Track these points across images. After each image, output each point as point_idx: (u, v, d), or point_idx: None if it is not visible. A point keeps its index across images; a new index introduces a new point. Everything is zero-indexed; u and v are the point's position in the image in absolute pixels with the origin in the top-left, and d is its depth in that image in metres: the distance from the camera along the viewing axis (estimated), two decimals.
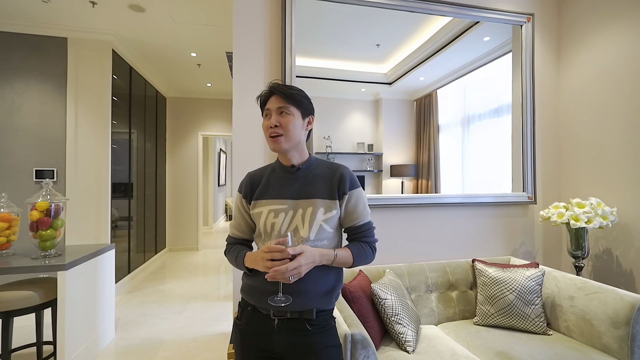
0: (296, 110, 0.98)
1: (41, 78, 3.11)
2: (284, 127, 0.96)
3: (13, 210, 2.02)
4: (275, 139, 0.96)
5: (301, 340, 0.93)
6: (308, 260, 0.86)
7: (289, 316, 0.94)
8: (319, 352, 0.93)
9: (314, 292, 0.94)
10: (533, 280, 1.75)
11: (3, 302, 1.73)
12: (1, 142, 3.03)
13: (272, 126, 0.96)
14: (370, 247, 1.02)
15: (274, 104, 0.98)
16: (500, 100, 2.38)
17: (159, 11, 2.85)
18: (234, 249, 1.05)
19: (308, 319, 0.94)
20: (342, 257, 0.95)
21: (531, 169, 2.24)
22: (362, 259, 0.99)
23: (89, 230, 3.22)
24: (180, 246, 5.48)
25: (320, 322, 0.96)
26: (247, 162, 1.89)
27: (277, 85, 0.99)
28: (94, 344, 2.18)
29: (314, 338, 0.93)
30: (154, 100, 4.75)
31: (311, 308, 0.94)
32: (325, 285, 0.97)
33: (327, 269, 0.97)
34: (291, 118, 0.97)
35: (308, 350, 0.93)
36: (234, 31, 1.89)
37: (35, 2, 2.69)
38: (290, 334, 0.94)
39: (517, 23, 2.27)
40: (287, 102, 0.97)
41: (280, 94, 0.97)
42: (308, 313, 0.94)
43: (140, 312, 2.97)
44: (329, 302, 0.98)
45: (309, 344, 0.93)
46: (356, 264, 0.99)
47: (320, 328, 0.95)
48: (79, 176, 3.20)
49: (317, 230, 0.95)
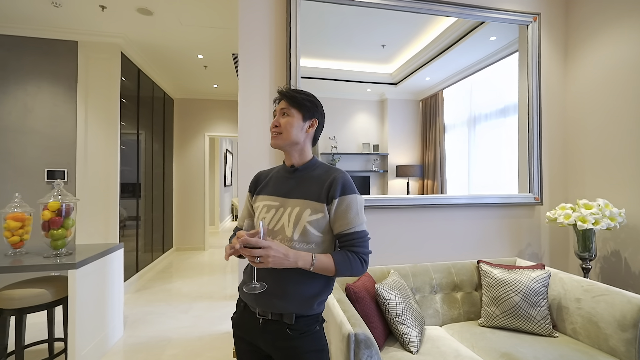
0: (297, 112, 1.02)
1: (52, 80, 3.18)
2: (282, 127, 1.02)
3: (26, 210, 2.07)
4: (274, 136, 1.03)
5: (282, 343, 0.94)
6: (277, 254, 0.85)
7: (271, 317, 0.95)
8: (299, 356, 0.93)
9: (295, 296, 0.94)
10: (539, 281, 1.73)
11: (16, 299, 1.78)
12: (14, 143, 3.11)
13: (274, 125, 1.03)
14: (358, 257, 0.95)
15: (280, 105, 1.05)
16: (506, 100, 2.36)
17: (166, 14, 2.90)
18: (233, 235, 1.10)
19: (288, 323, 0.94)
20: (321, 262, 0.90)
21: (537, 170, 2.22)
22: (346, 269, 0.93)
23: (98, 229, 3.28)
24: (187, 246, 5.55)
25: (301, 327, 0.95)
26: (252, 162, 1.91)
27: (285, 89, 1.04)
28: (103, 341, 2.23)
29: (294, 342, 0.94)
30: (161, 101, 4.81)
31: (290, 312, 0.94)
32: (309, 291, 0.96)
33: (312, 275, 0.94)
34: (290, 119, 1.02)
35: (289, 354, 0.94)
36: (240, 33, 1.91)
37: (46, 6, 2.75)
38: (273, 335, 0.95)
39: (523, 23, 2.26)
40: (289, 104, 1.02)
41: (284, 96, 1.04)
42: (288, 317, 0.94)
43: (148, 311, 3.02)
44: (310, 308, 0.96)
45: (290, 348, 0.94)
46: (339, 274, 0.93)
47: (300, 333, 0.94)
48: (89, 177, 3.26)
49: (302, 231, 0.95)
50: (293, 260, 0.88)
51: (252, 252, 0.84)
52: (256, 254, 0.84)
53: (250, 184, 1.16)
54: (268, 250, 0.84)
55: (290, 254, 0.88)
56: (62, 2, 2.70)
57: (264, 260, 0.84)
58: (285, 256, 0.86)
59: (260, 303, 0.96)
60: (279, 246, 0.87)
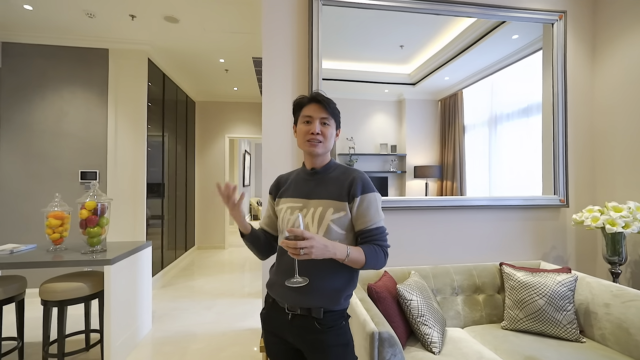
0: (333, 122, 1.08)
1: (86, 86, 3.37)
2: (324, 136, 1.06)
3: (65, 209, 2.22)
4: (315, 144, 1.05)
5: (310, 337, 0.99)
6: (319, 244, 0.86)
7: (299, 312, 1.00)
8: (325, 349, 0.98)
9: (322, 290, 0.98)
10: (565, 285, 1.70)
11: (58, 292, 1.92)
12: (51, 145, 3.31)
13: (314, 132, 1.04)
14: (382, 250, 1.00)
15: (317, 112, 1.06)
16: (529, 99, 2.32)
17: (191, 21, 3.01)
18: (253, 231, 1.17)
19: (316, 317, 0.98)
20: (354, 254, 0.94)
21: (563, 172, 2.17)
22: (373, 260, 0.98)
23: (126, 227, 3.45)
24: (208, 244, 5.71)
25: (328, 322, 0.99)
26: (276, 163, 1.97)
27: (320, 95, 1.07)
28: (134, 334, 2.35)
29: (321, 336, 0.98)
30: (184, 104, 4.98)
31: (319, 306, 0.98)
32: (334, 284, 1.00)
33: (338, 269, 0.99)
34: (330, 129, 1.07)
35: (316, 347, 0.99)
36: (263, 39, 1.97)
37: (81, 17, 2.92)
38: (301, 329, 1.00)
39: (548, 21, 2.21)
40: (329, 114, 1.06)
41: (324, 104, 1.06)
42: (316, 311, 0.98)
43: (173, 306, 3.14)
44: (337, 303, 1.00)
45: (317, 341, 0.98)
46: (368, 265, 0.97)
47: (328, 327, 0.98)
48: (118, 177, 3.43)
49: (326, 229, 1.00)
50: (332, 251, 0.90)
51: (296, 244, 0.84)
52: (301, 245, 0.84)
53: (271, 188, 1.20)
54: (312, 241, 0.85)
55: (329, 244, 0.90)
56: (95, 13, 2.86)
57: (308, 251, 0.85)
58: (325, 247, 0.88)
59: (289, 299, 1.01)
60: (320, 237, 0.89)
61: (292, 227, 0.88)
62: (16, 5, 2.74)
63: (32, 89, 3.28)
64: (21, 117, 3.27)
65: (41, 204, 3.26)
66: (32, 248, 2.28)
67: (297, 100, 1.11)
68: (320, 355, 0.98)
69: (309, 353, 1.01)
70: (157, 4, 2.73)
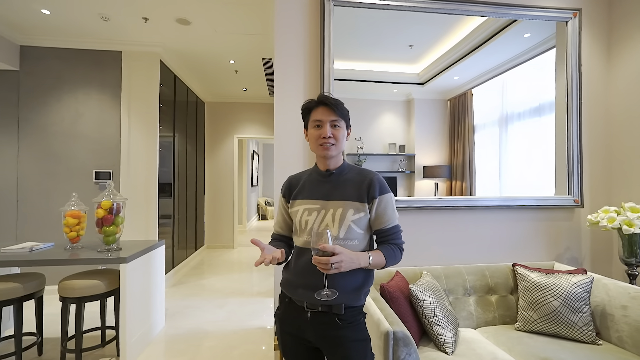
0: (343, 123, 1.09)
1: (100, 88, 3.44)
2: (336, 138, 1.07)
3: (81, 208, 2.27)
4: (328, 148, 1.06)
5: (331, 333, 1.01)
6: (347, 258, 0.92)
7: (320, 309, 1.02)
8: (346, 345, 1.00)
9: (342, 289, 1.00)
10: (580, 287, 1.68)
11: (76, 289, 1.97)
12: (67, 146, 3.39)
13: (325, 136, 1.05)
14: (399, 248, 1.07)
15: (326, 115, 1.06)
16: (541, 98, 2.29)
17: (202, 23, 3.05)
18: (272, 243, 1.18)
19: (337, 313, 1.01)
20: (375, 259, 1.00)
21: (577, 171, 2.15)
22: (392, 259, 1.05)
23: (138, 226, 3.50)
24: (217, 244, 5.77)
25: (349, 318, 1.02)
26: (288, 164, 1.99)
27: (328, 98, 1.08)
28: (148, 331, 2.39)
29: (342, 332, 1.00)
30: (194, 105, 5.04)
31: (340, 303, 1.01)
32: (353, 283, 1.03)
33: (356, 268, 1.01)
34: (341, 130, 1.08)
35: (337, 342, 1.01)
36: (275, 40, 1.99)
37: (96, 20, 2.99)
38: (321, 326, 1.02)
39: (561, 19, 2.19)
40: (338, 116, 1.07)
41: (332, 107, 1.06)
42: (337, 308, 1.01)
43: (185, 305, 3.19)
44: (357, 299, 1.04)
45: (338, 337, 1.01)
46: (387, 265, 1.04)
47: (348, 323, 1.01)
48: (131, 177, 3.49)
49: (347, 229, 1.02)
50: (357, 262, 0.96)
51: (328, 261, 0.88)
52: (333, 260, 0.88)
53: (283, 190, 1.19)
54: (342, 256, 0.90)
55: (354, 256, 0.95)
56: (110, 16, 2.92)
57: (339, 265, 0.90)
58: (351, 259, 0.93)
59: (309, 297, 1.02)
60: (347, 251, 0.94)
61: (323, 243, 0.90)
62: (35, 10, 2.81)
63: (49, 91, 3.37)
64: (38, 118, 3.35)
65: (57, 203, 3.34)
66: (50, 246, 2.34)
67: (305, 105, 1.12)
68: (341, 350, 1.00)
69: (329, 349, 1.02)
70: (170, 7, 2.77)
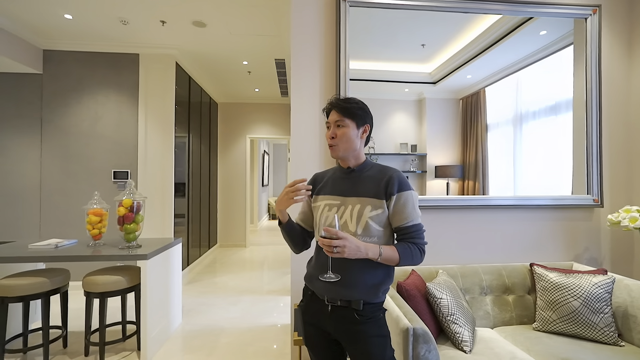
0: (351, 122, 1.10)
1: (118, 90, 3.53)
2: (339, 138, 1.09)
3: (103, 206, 2.34)
4: (331, 148, 1.11)
5: (350, 327, 1.03)
6: (352, 245, 0.93)
7: (340, 304, 1.04)
8: (366, 340, 1.01)
9: (362, 284, 1.02)
10: (601, 287, 1.66)
11: (100, 284, 2.03)
12: (87, 147, 3.49)
13: (330, 137, 1.10)
14: (418, 248, 1.04)
15: (333, 117, 1.12)
16: (558, 96, 2.25)
17: (218, 25, 3.11)
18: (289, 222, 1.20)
19: (356, 309, 1.02)
20: (387, 253, 1.00)
21: (597, 171, 2.11)
22: (408, 258, 1.02)
23: (155, 225, 3.59)
24: (230, 242, 5.84)
25: (367, 314, 1.03)
26: (304, 163, 2.01)
27: (335, 101, 1.12)
28: (166, 326, 2.45)
29: (361, 327, 1.02)
30: (207, 106, 5.12)
31: (359, 299, 1.02)
32: (373, 279, 1.04)
33: (375, 264, 1.03)
34: (346, 130, 1.09)
35: (357, 337, 1.03)
36: (292, 40, 2.02)
37: (115, 24, 3.07)
38: (341, 320, 1.04)
39: (580, 16, 2.15)
40: (343, 116, 1.09)
41: (336, 108, 1.10)
42: (356, 303, 1.02)
43: (200, 302, 3.25)
44: (376, 296, 1.05)
45: (357, 332, 1.02)
46: (402, 263, 1.02)
47: (367, 319, 1.03)
48: (148, 176, 3.57)
49: (364, 226, 1.03)
50: (364, 252, 0.96)
51: (331, 242, 0.91)
52: (335, 244, 0.91)
53: (309, 183, 1.23)
54: (345, 241, 0.92)
55: (362, 246, 0.96)
56: (129, 20, 3.00)
57: (341, 250, 0.92)
58: (357, 248, 0.95)
59: (329, 291, 1.05)
60: (353, 239, 0.95)
61: (328, 227, 0.93)
62: (58, 15, 2.91)
63: (70, 93, 3.48)
64: (60, 119, 3.47)
65: (78, 201, 3.44)
66: (74, 243, 2.42)
67: (324, 109, 1.17)
68: (360, 345, 1.02)
69: (349, 344, 1.04)
70: (187, 10, 2.83)
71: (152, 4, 2.73)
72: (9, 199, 3.41)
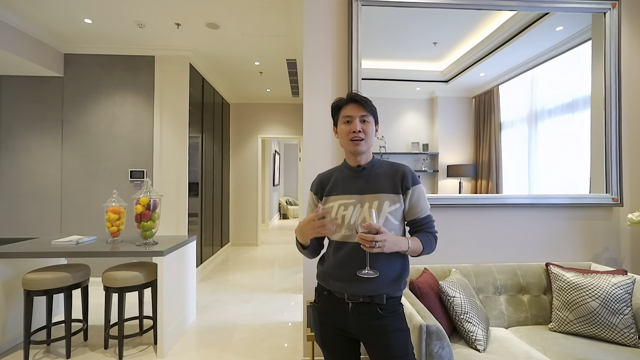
0: (372, 119, 1.12)
1: (134, 92, 3.63)
2: (366, 133, 1.10)
3: (121, 204, 2.42)
4: (358, 143, 1.09)
5: (372, 323, 1.04)
6: (391, 240, 0.95)
7: (362, 300, 1.05)
8: (388, 334, 1.03)
9: (383, 279, 1.04)
10: (621, 288, 1.62)
11: (119, 279, 2.10)
12: (105, 147, 3.60)
13: (355, 131, 1.08)
14: (434, 236, 1.11)
15: (355, 111, 1.10)
16: (575, 93, 2.20)
17: (231, 27, 3.16)
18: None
19: (379, 303, 1.04)
20: (414, 245, 1.04)
21: (616, 169, 2.06)
22: (429, 247, 1.08)
23: (170, 223, 3.67)
24: (242, 241, 5.92)
25: (390, 307, 1.05)
26: (316, 162, 2.03)
27: (357, 95, 1.12)
28: (181, 322, 2.51)
29: (384, 321, 1.03)
30: (220, 106, 5.20)
31: (381, 293, 1.04)
32: (393, 273, 1.06)
33: (393, 257, 1.06)
34: (370, 125, 1.11)
35: (378, 332, 1.03)
36: (305, 40, 2.04)
37: (133, 28, 3.16)
38: (363, 316, 1.05)
39: (599, 11, 2.11)
40: (367, 111, 1.10)
41: (362, 103, 1.10)
42: (379, 298, 1.04)
43: (214, 299, 3.31)
44: (397, 289, 1.07)
45: (380, 327, 1.03)
46: (425, 252, 1.08)
47: (389, 312, 1.04)
48: (163, 176, 3.66)
49: (384, 221, 1.05)
50: (399, 245, 0.99)
51: (374, 238, 0.91)
52: (378, 238, 0.91)
53: (314, 187, 1.21)
54: (386, 236, 0.94)
55: (396, 240, 0.99)
56: (145, 23, 3.08)
57: (382, 244, 0.92)
58: (394, 241, 0.97)
59: (350, 288, 1.05)
60: (389, 234, 0.97)
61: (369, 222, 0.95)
62: (78, 20, 3.01)
63: (89, 95, 3.59)
64: (80, 120, 3.59)
65: (96, 199, 3.56)
66: (94, 240, 2.50)
67: (335, 103, 1.16)
68: (383, 339, 1.02)
69: (371, 340, 1.04)
70: (201, 12, 2.89)
71: (167, 7, 2.80)
72: (34, 197, 3.55)
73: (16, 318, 2.27)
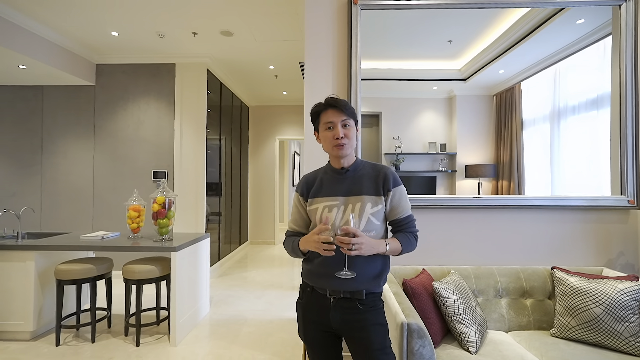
0: (352, 122, 1.14)
1: (157, 97, 3.88)
2: (348, 137, 1.12)
3: (141, 203, 2.61)
4: (341, 147, 1.11)
5: (352, 317, 1.08)
6: (369, 244, 1.00)
7: (342, 296, 1.09)
8: (367, 328, 1.07)
9: (363, 276, 1.08)
10: (628, 294, 1.55)
11: (137, 272, 2.28)
12: (131, 150, 3.88)
13: (338, 137, 1.11)
14: (414, 236, 1.14)
15: (336, 117, 1.11)
16: (600, 89, 2.08)
17: (244, 34, 3.30)
18: (290, 239, 1.21)
19: (358, 299, 1.08)
20: (392, 246, 1.09)
21: (632, 169, 1.95)
22: (408, 246, 1.12)
23: (189, 221, 3.88)
24: (260, 240, 6.10)
25: (369, 303, 1.09)
26: (318, 163, 2.08)
27: (336, 100, 1.12)
28: (194, 314, 2.67)
29: (363, 316, 1.08)
30: (238, 109, 5.40)
31: (361, 289, 1.08)
32: (373, 270, 1.10)
33: (374, 256, 1.09)
34: (352, 129, 1.14)
35: (358, 326, 1.08)
36: (306, 43, 2.11)
37: (154, 38, 3.39)
38: (344, 311, 1.09)
39: (614, 3, 2.00)
40: (347, 115, 1.12)
41: (340, 107, 1.11)
42: (358, 294, 1.08)
43: (229, 294, 3.46)
44: (377, 286, 1.12)
45: (359, 321, 1.08)
46: (404, 252, 1.12)
47: (369, 307, 1.09)
48: (182, 176, 3.88)
49: (366, 222, 1.09)
50: (376, 248, 1.05)
51: (350, 241, 0.96)
52: (354, 241, 0.96)
53: (300, 188, 1.21)
54: (362, 239, 0.99)
55: (374, 243, 1.04)
56: (165, 33, 3.29)
57: (359, 247, 0.98)
58: (371, 245, 1.02)
59: (332, 284, 1.09)
60: (367, 237, 1.02)
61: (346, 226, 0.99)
62: (106, 33, 3.28)
63: (117, 101, 3.89)
64: (109, 125, 3.89)
65: (123, 198, 3.84)
66: (117, 235, 2.72)
67: (313, 109, 1.16)
68: (363, 333, 1.07)
69: (351, 333, 1.09)
70: (215, 21, 3.05)
71: (183, 17, 2.98)
72: (70, 195, 3.90)
73: (50, 305, 2.53)
